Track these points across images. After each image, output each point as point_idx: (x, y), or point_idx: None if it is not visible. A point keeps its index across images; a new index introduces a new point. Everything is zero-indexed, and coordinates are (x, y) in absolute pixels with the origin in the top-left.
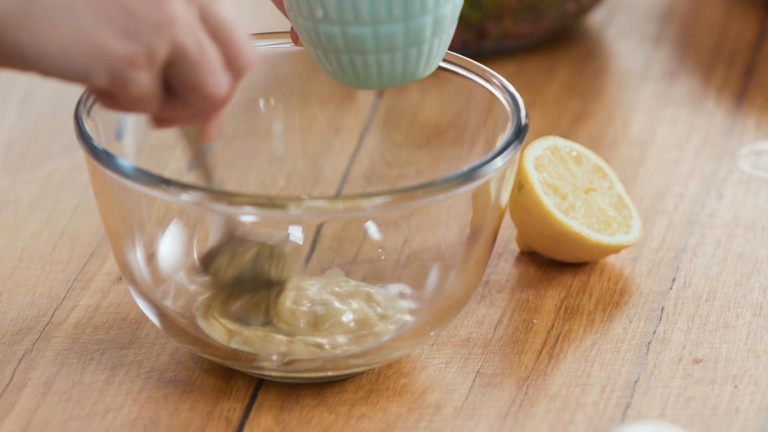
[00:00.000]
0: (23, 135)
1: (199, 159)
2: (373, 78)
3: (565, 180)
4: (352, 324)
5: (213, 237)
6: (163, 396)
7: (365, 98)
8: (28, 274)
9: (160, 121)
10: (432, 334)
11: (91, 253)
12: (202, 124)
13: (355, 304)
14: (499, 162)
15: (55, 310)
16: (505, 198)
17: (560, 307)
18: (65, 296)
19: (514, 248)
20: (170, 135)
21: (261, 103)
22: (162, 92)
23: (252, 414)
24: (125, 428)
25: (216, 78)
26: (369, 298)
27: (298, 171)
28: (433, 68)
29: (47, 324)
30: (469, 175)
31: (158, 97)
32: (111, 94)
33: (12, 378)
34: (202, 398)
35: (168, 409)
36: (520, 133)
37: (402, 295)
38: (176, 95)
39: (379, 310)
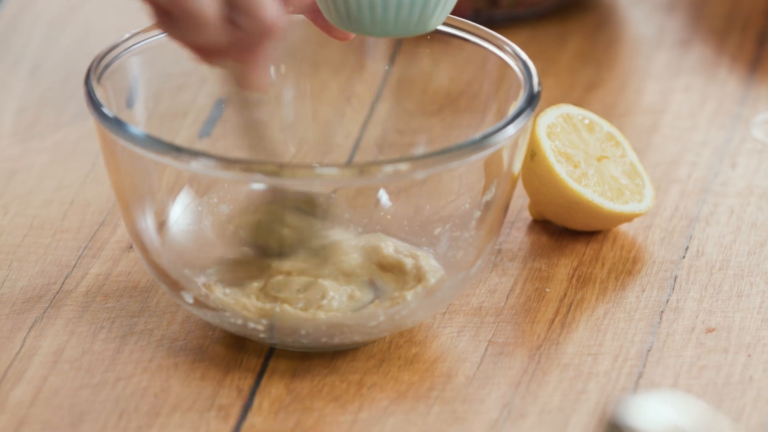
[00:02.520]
0: (33, 103)
1: (245, 112)
2: (366, 21)
3: (577, 148)
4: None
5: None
6: (174, 365)
7: (377, 66)
8: (38, 242)
9: (205, 53)
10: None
11: (101, 221)
12: (247, 61)
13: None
14: (511, 130)
15: (66, 278)
16: (517, 166)
17: (573, 276)
18: (75, 264)
19: (527, 216)
20: (182, 102)
21: (272, 70)
22: (222, 18)
23: (263, 383)
24: (135, 397)
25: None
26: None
27: (309, 139)
28: (427, 27)
29: (57, 292)
30: (481, 143)
31: (218, 21)
32: (172, 16)
33: (22, 346)
34: (213, 367)
35: (178, 377)
36: (532, 101)
37: None
38: (229, 22)
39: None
